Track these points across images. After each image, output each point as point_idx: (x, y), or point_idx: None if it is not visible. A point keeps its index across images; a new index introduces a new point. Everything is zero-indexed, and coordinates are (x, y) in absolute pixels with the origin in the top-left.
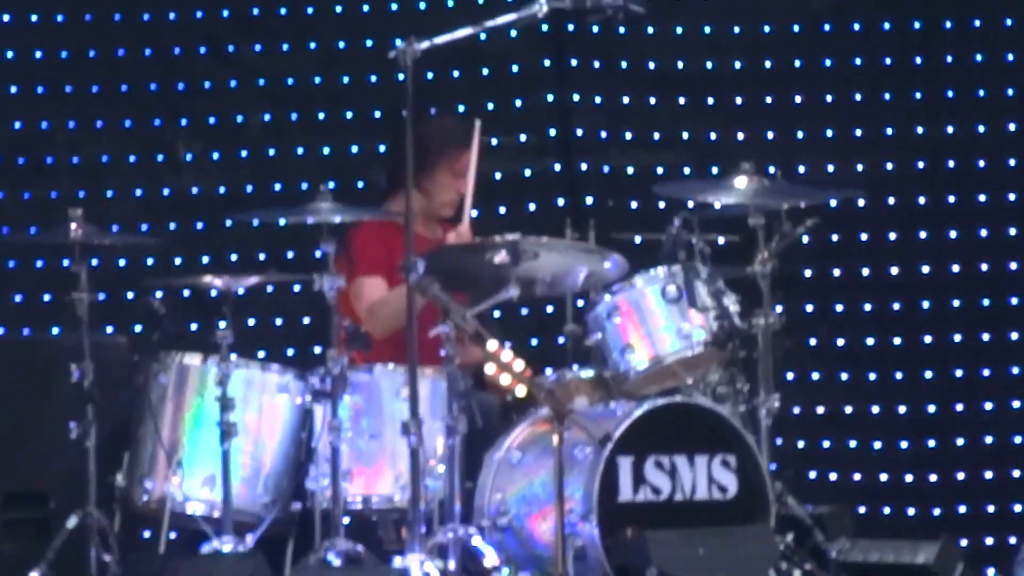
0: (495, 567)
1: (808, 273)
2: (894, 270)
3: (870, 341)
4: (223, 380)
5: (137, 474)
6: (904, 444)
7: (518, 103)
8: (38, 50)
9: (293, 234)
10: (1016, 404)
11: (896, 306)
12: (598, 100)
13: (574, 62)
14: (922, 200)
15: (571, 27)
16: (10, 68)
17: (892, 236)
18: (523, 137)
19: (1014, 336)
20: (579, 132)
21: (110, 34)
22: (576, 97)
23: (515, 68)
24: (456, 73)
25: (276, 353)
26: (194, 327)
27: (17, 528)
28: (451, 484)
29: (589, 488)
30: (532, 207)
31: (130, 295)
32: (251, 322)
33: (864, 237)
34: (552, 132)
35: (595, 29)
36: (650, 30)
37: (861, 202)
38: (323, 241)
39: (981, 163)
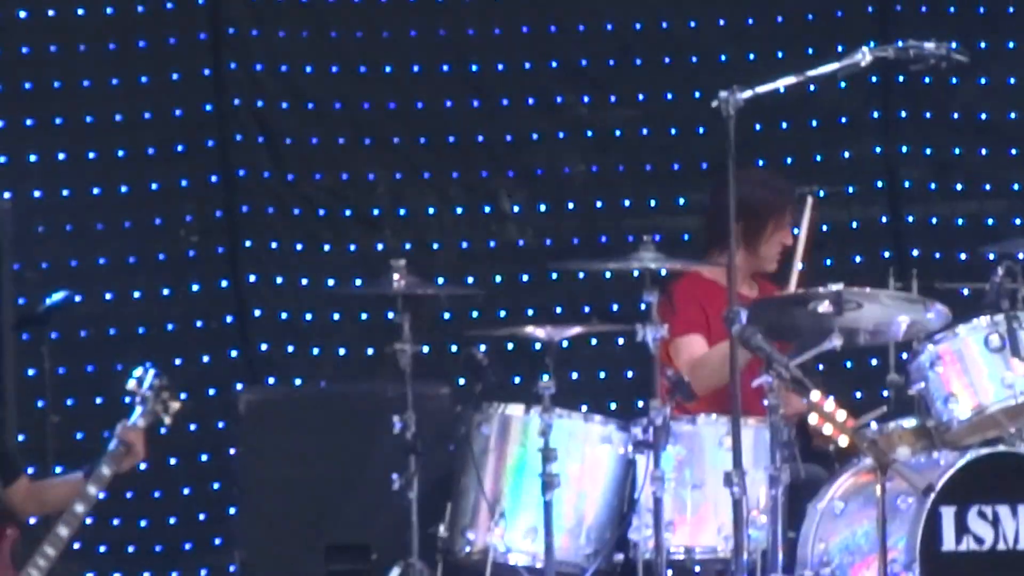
0: None
1: None
2: None
3: None
4: (545, 431)
5: (459, 525)
6: None
7: (846, 154)
8: (366, 102)
9: (618, 285)
10: None
11: None
12: (928, 151)
13: (903, 113)
14: None
15: (900, 78)
16: (338, 119)
17: None
18: (850, 188)
19: None
20: (906, 183)
21: (438, 85)
22: (904, 148)
23: (843, 119)
24: (784, 124)
25: (599, 406)
26: (517, 379)
27: None
28: (774, 534)
29: (912, 538)
30: (858, 259)
31: (454, 347)
32: (574, 375)
33: None
34: (879, 183)
35: (926, 80)
36: (982, 80)
37: None
38: (646, 291)
39: None
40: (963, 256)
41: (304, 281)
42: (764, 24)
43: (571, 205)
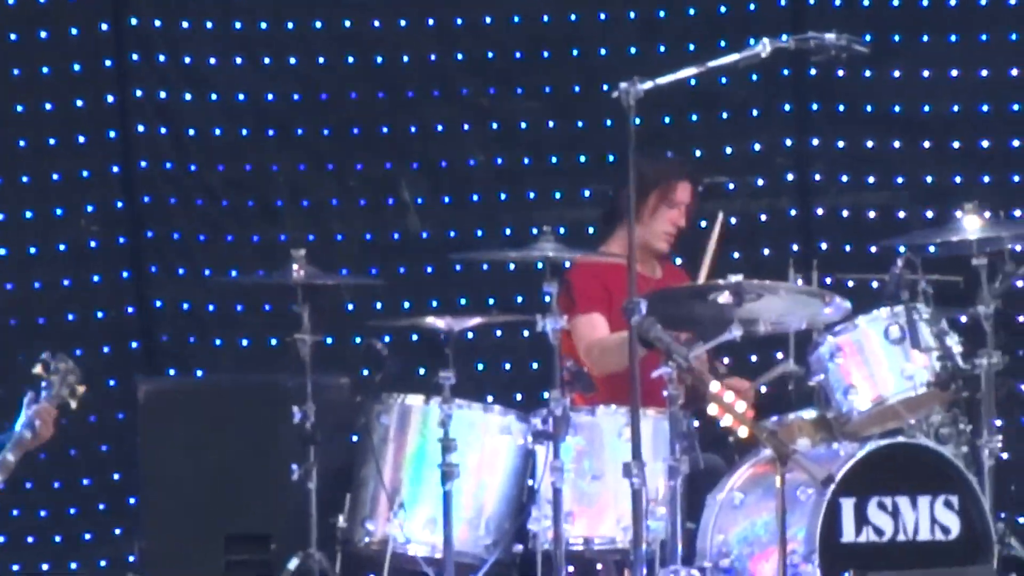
0: None
1: None
2: None
3: None
4: (445, 421)
5: (359, 515)
6: None
7: (756, 147)
8: (270, 93)
9: (521, 277)
10: None
11: None
12: (840, 144)
13: (815, 106)
14: None
15: (812, 71)
16: (242, 111)
17: None
18: (760, 181)
19: None
20: (816, 176)
21: (343, 77)
22: (815, 141)
23: (754, 112)
24: (695, 116)
25: (501, 398)
26: (421, 371)
27: (239, 569)
28: (673, 525)
29: (811, 529)
30: (766, 251)
31: (357, 338)
32: (478, 367)
33: None
34: (789, 176)
35: (839, 73)
36: (896, 74)
37: None
38: (546, 281)
39: None
40: (872, 249)
41: (206, 272)
42: (675, 17)
43: (475, 197)
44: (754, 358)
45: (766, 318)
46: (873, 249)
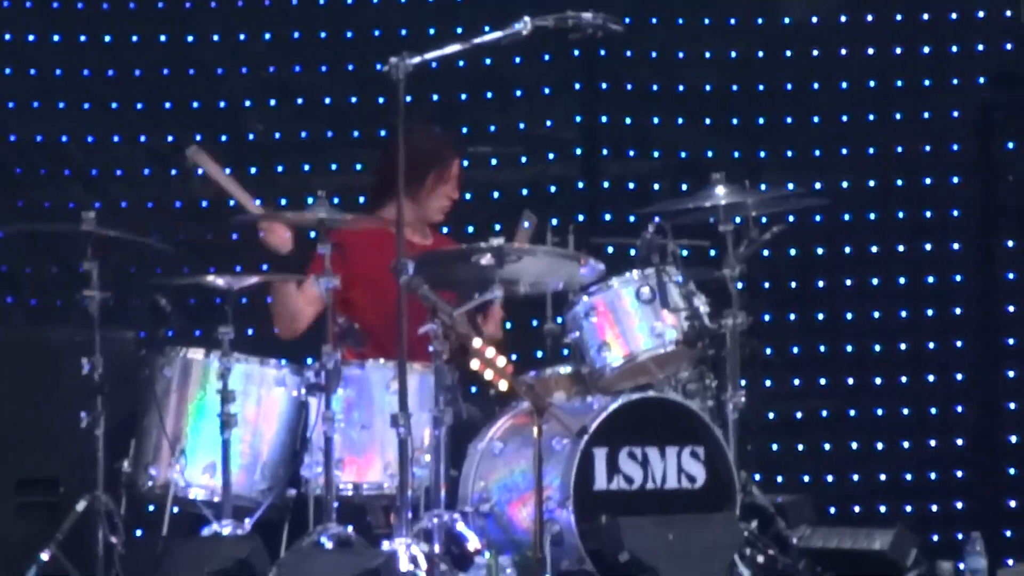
0: (477, 551)
1: (793, 284)
2: (875, 280)
3: (849, 348)
4: (224, 374)
5: (142, 461)
6: (880, 445)
7: (548, 123)
8: (59, 68)
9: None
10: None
11: (876, 314)
12: (628, 120)
13: (604, 85)
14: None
15: (603, 52)
16: (33, 84)
17: (874, 249)
18: (551, 155)
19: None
20: (604, 151)
21: (128, 54)
22: (604, 118)
23: (547, 90)
24: (490, 94)
25: (278, 354)
26: (199, 332)
27: (29, 511)
28: (437, 473)
29: (566, 477)
30: (554, 221)
31: (138, 298)
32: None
33: (847, 250)
34: (578, 151)
35: (628, 54)
36: (680, 55)
37: (846, 216)
38: (320, 242)
39: (928, 180)
40: (657, 219)
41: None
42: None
43: (253, 170)
44: (535, 323)
45: (526, 279)
46: (658, 219)
